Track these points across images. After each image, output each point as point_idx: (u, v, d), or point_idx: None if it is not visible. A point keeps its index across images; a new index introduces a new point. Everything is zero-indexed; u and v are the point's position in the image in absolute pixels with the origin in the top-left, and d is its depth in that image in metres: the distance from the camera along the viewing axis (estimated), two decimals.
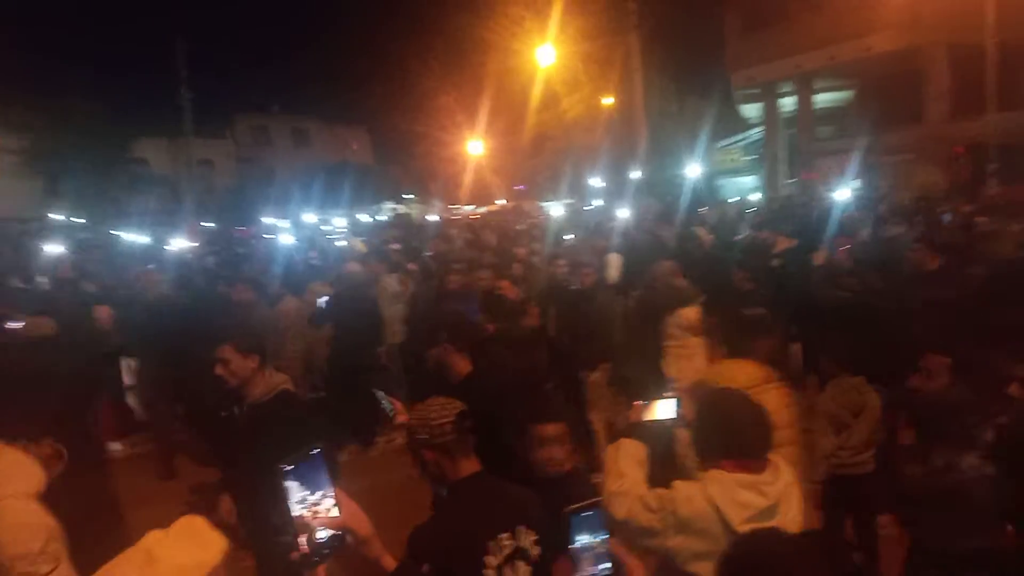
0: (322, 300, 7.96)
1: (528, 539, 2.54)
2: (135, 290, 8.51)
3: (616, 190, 22.48)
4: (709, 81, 27.02)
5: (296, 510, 1.46)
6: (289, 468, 1.47)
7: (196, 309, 7.72)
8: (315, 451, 1.51)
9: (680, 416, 2.95)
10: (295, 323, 7.64)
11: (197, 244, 16.61)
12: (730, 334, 3.89)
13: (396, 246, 12.59)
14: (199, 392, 5.90)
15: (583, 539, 1.65)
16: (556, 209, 21.77)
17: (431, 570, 2.31)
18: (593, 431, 6.24)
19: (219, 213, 29.12)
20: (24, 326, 6.06)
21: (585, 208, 22.04)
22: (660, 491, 2.58)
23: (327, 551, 1.48)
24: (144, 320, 7.42)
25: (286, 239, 15.81)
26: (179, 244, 15.84)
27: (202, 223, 24.17)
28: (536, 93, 24.61)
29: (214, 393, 4.10)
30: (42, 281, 9.98)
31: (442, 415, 2.63)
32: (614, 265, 9.09)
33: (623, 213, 14.59)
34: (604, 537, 1.68)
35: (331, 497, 1.51)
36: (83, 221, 25.74)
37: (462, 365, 4.02)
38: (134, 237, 18.45)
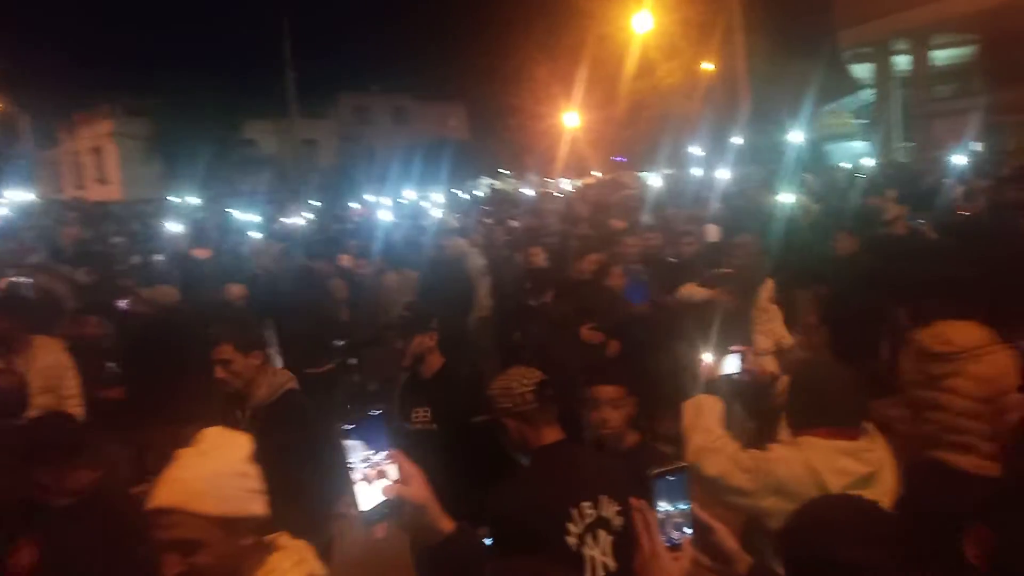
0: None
1: (611, 509, 2.54)
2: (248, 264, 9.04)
3: (716, 158, 21.82)
4: (816, 41, 25.73)
5: (354, 470, 1.48)
6: (350, 427, 1.49)
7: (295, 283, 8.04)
8: (376, 412, 1.53)
9: (746, 371, 2.93)
10: (397, 297, 7.83)
11: (304, 222, 17.25)
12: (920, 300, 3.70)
13: (489, 221, 12.70)
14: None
15: (667, 503, 1.63)
16: (655, 179, 21.36)
17: (511, 535, 2.35)
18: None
19: (323, 191, 30.08)
20: (151, 293, 6.58)
21: (684, 177, 21.53)
22: (754, 452, 2.57)
23: (384, 512, 1.49)
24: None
25: (386, 215, 16.15)
26: (287, 221, 16.51)
27: (308, 201, 25.02)
28: (632, 61, 24.11)
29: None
30: (160, 258, 10.61)
31: (523, 384, 2.68)
32: (713, 235, 8.87)
33: (724, 181, 14.18)
34: (687, 502, 1.65)
35: (390, 459, 1.52)
36: (199, 201, 27.15)
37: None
38: (245, 215, 19.32)
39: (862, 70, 27.82)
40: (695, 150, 25.55)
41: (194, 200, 24.73)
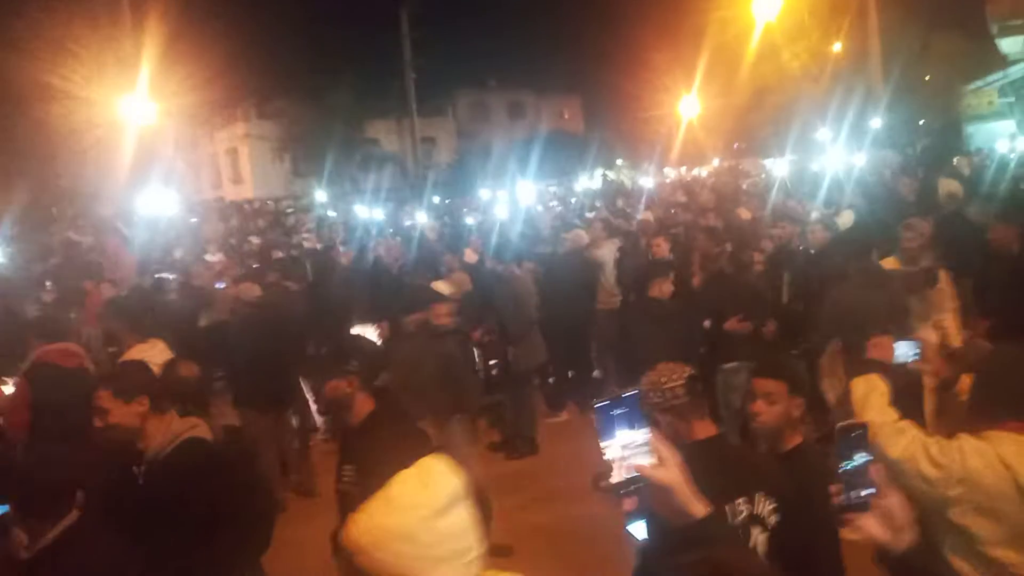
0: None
1: (766, 507, 2.48)
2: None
3: (847, 143, 20.75)
4: (959, 14, 23.95)
5: (612, 447, 1.56)
6: (605, 405, 1.57)
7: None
8: (631, 393, 1.60)
9: (921, 360, 2.80)
10: (526, 290, 7.90)
11: (424, 218, 17.77)
12: None
13: (602, 213, 12.64)
14: None
15: (851, 461, 1.61)
16: (780, 166, 20.60)
17: None
18: (826, 400, 5.92)
19: (442, 187, 30.77)
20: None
21: (812, 164, 20.64)
22: (943, 441, 2.50)
23: (632, 488, 1.55)
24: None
25: (504, 210, 16.39)
26: (408, 218, 17.07)
27: (428, 198, 25.66)
28: (754, 45, 23.27)
29: None
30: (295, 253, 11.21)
31: (672, 378, 2.65)
32: (847, 222, 8.47)
33: (857, 167, 13.49)
34: (869, 459, 1.62)
35: (644, 439, 1.57)
36: (326, 199, 28.40)
37: None
38: (369, 212, 20.08)
39: (1012, 44, 25.66)
40: (823, 135, 24.44)
41: (322, 198, 25.85)
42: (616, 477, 1.56)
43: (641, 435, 1.57)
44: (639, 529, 3.15)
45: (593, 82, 36.25)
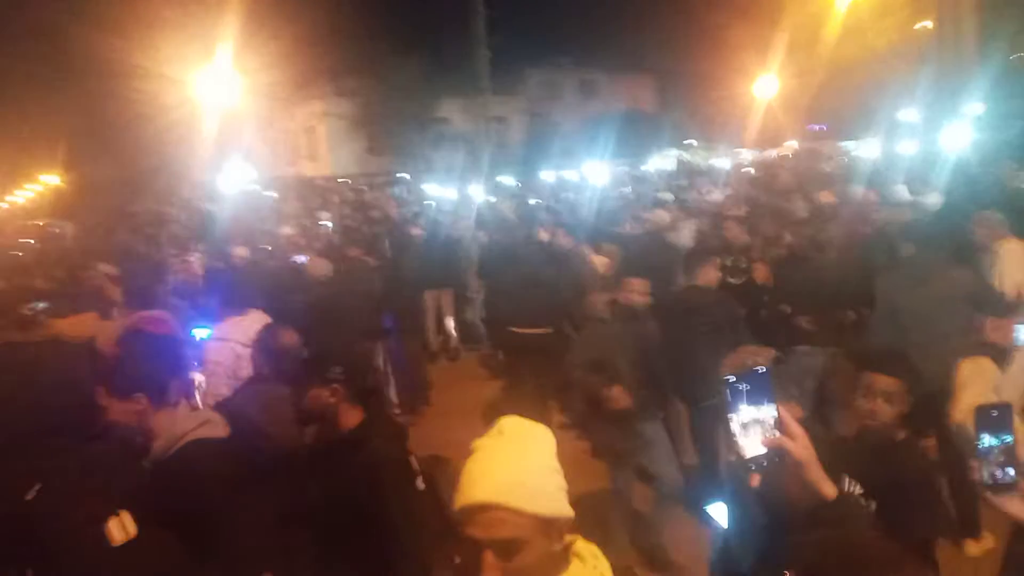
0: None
1: (855, 492, 2.48)
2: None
3: (937, 125, 19.80)
4: None
5: (737, 423, 1.56)
6: (732, 380, 1.57)
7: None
8: (761, 370, 1.59)
9: None
10: (602, 275, 7.88)
11: (495, 197, 17.84)
12: None
13: (667, 195, 12.48)
14: None
15: (990, 438, 1.59)
16: (861, 148, 19.84)
17: None
18: None
19: (513, 167, 30.81)
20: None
21: (897, 146, 19.80)
22: None
23: (763, 463, 1.54)
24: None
25: (569, 190, 16.32)
26: (479, 196, 17.16)
27: (497, 177, 25.75)
28: (836, 21, 22.39)
29: None
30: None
31: (756, 361, 2.61)
32: (934, 206, 8.12)
33: (947, 150, 12.88)
34: (1010, 440, 1.58)
35: (774, 416, 1.56)
36: (404, 176, 28.77)
37: None
38: (441, 191, 20.28)
39: None
40: (908, 116, 23.41)
41: (398, 175, 26.16)
42: (742, 452, 1.55)
43: (769, 411, 1.56)
44: (719, 512, 3.11)
45: (667, 61, 35.51)
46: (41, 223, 24.45)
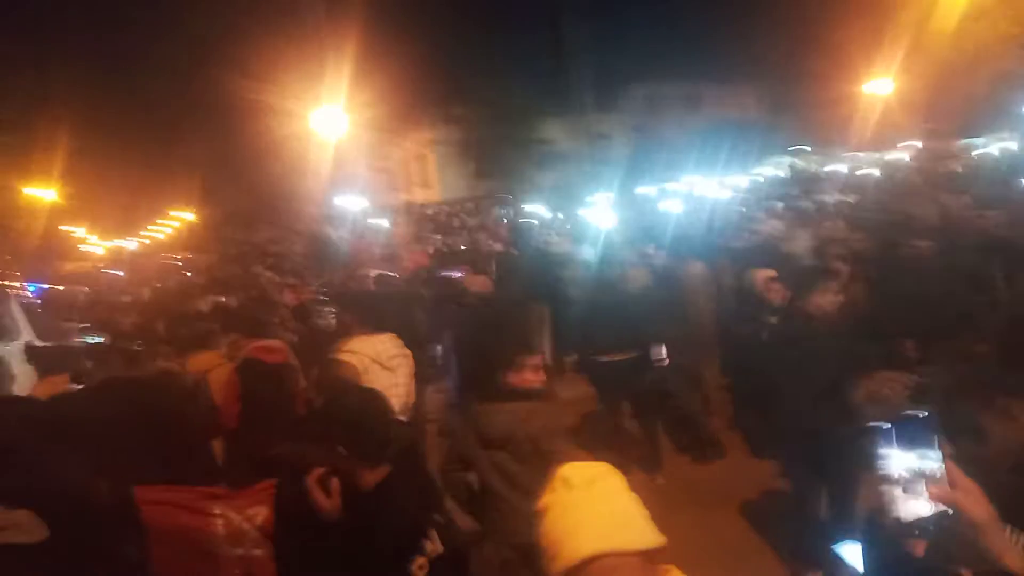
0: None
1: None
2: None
3: None
4: None
5: (891, 475, 1.37)
6: (887, 428, 1.39)
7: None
8: (923, 414, 1.40)
9: None
10: (702, 289, 7.66)
11: (599, 214, 17.74)
12: None
13: (778, 204, 12.01)
14: None
15: None
16: (991, 148, 18.47)
17: None
18: None
19: (616, 183, 30.59)
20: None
21: None
22: None
23: (930, 527, 1.33)
24: None
25: (674, 205, 16.04)
26: (582, 213, 17.14)
27: (601, 194, 25.64)
28: (955, 11, 20.95)
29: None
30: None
31: (895, 389, 2.54)
32: None
33: None
34: None
35: (939, 467, 1.35)
36: (509, 196, 29.20)
37: None
38: (544, 210, 20.41)
39: None
40: None
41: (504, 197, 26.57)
42: (903, 513, 1.34)
43: (933, 462, 1.34)
44: (852, 554, 2.86)
45: (774, 66, 34.37)
46: (178, 257, 26.24)
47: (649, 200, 22.54)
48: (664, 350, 6.60)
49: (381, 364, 4.96)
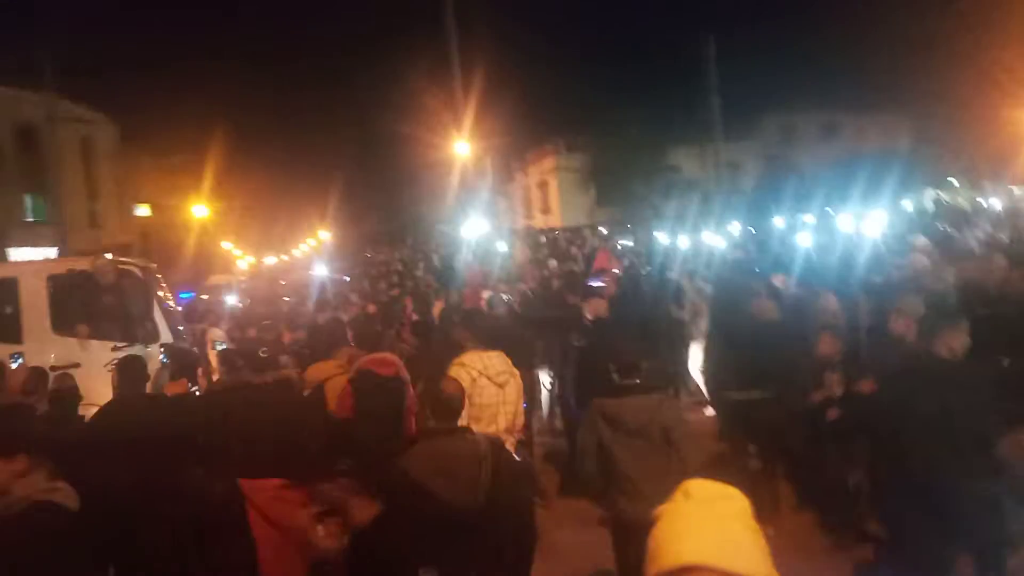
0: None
1: None
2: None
3: None
4: None
5: None
6: None
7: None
8: None
9: None
10: (832, 324, 7.20)
11: (725, 243, 17.24)
12: None
13: (922, 238, 11.18)
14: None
15: None
16: None
17: None
18: None
19: (745, 213, 29.66)
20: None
21: None
22: None
23: None
24: None
25: (806, 237, 15.36)
26: (709, 243, 16.67)
27: (729, 224, 24.93)
28: None
29: None
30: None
31: None
32: None
33: None
34: None
35: None
36: (629, 225, 28.90)
37: None
38: (668, 239, 19.98)
39: None
40: None
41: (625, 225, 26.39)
42: None
43: None
44: None
45: (918, 93, 32.47)
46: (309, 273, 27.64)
47: (780, 231, 21.66)
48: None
49: (490, 379, 5.06)
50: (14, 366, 7.50)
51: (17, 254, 19.54)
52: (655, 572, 1.55)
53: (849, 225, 18.96)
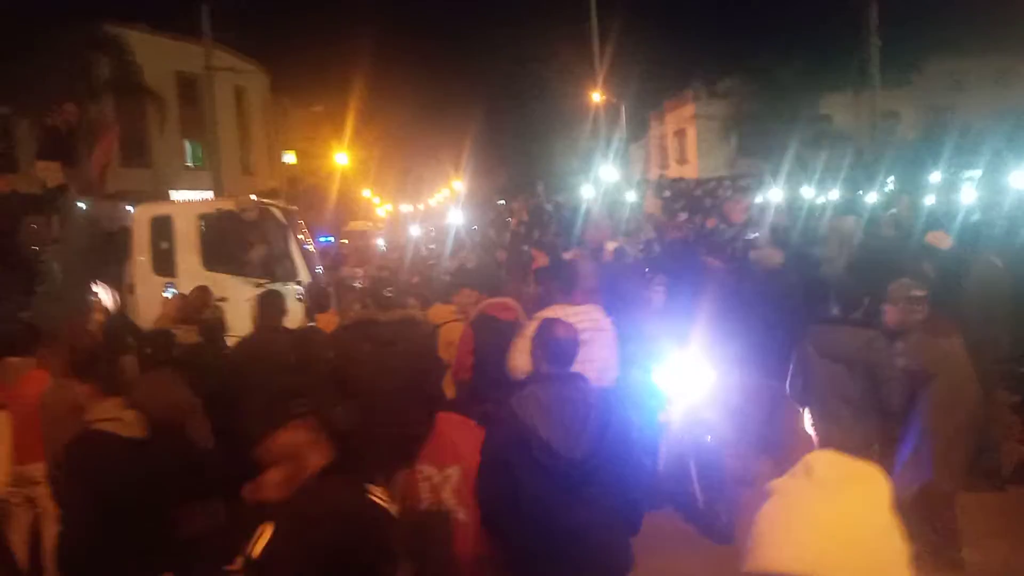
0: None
1: None
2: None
3: None
4: None
5: None
6: None
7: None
8: None
9: None
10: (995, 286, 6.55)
11: (876, 199, 16.14)
12: None
13: None
14: None
15: None
16: None
17: None
18: None
19: (902, 168, 27.51)
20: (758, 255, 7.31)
21: None
22: None
23: None
24: None
25: (971, 193, 14.08)
26: (859, 198, 15.63)
27: (884, 179, 23.26)
28: None
29: None
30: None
31: None
32: None
33: None
34: None
35: None
36: (769, 178, 27.53)
37: None
38: (815, 194, 18.86)
39: None
40: None
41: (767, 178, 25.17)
42: None
43: None
44: None
45: None
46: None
47: (941, 187, 19.89)
48: None
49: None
50: (168, 295, 8.14)
51: (178, 197, 21.06)
52: (746, 566, 1.30)
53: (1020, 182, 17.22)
